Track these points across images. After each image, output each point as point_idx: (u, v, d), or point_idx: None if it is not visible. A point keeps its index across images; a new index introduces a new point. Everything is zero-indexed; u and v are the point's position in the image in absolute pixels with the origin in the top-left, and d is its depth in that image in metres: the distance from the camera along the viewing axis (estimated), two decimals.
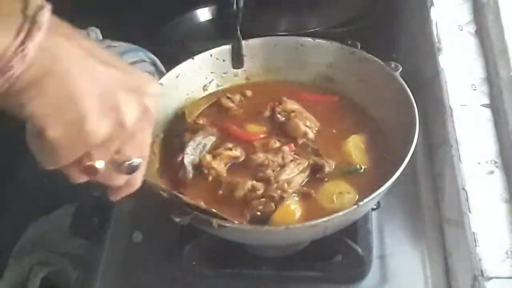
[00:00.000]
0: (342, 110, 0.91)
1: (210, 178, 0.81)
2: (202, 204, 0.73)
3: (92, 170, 0.51)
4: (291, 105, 0.90)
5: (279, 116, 0.89)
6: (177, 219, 0.70)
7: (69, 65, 0.47)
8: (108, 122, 0.49)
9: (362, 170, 0.82)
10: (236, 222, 0.73)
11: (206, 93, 0.96)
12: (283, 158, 0.82)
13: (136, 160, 0.53)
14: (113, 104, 0.49)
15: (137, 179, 0.57)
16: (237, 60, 0.95)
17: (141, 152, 0.54)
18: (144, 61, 1.21)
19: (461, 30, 0.95)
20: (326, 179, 0.81)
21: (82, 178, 0.52)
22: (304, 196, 0.79)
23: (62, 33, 0.48)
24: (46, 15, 0.46)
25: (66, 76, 0.47)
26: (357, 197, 0.78)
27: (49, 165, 0.50)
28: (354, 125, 0.88)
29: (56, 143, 0.48)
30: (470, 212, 0.75)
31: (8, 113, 0.47)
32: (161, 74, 1.06)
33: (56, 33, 0.47)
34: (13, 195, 1.13)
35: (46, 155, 0.49)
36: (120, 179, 0.55)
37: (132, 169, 0.53)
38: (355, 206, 0.71)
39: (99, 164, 0.51)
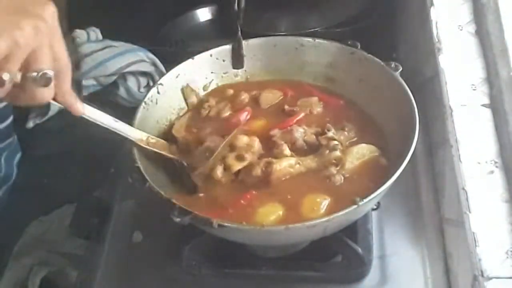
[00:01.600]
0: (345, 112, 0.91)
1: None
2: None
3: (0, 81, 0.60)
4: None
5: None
6: (177, 219, 0.70)
7: None
8: (6, 39, 0.58)
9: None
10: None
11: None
12: None
13: (48, 72, 0.62)
14: (5, 27, 0.58)
15: (52, 90, 0.65)
16: (237, 60, 0.95)
17: (52, 65, 0.63)
18: (144, 61, 1.21)
19: (461, 30, 0.95)
20: None
21: None
22: None
23: None
24: None
25: None
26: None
27: None
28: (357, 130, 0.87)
29: None
30: (470, 212, 0.75)
31: None
32: (161, 74, 1.06)
33: None
34: (13, 195, 1.13)
35: None
36: (28, 94, 0.64)
37: (46, 81, 0.62)
38: (355, 206, 0.71)
39: (6, 76, 0.60)
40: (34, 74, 0.62)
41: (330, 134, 0.84)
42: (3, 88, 0.60)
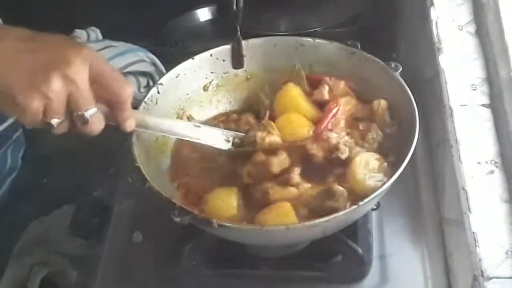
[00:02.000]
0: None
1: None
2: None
3: (50, 125, 0.66)
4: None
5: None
6: (177, 219, 0.70)
7: None
8: (37, 96, 0.63)
9: None
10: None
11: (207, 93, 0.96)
12: None
13: (84, 114, 0.67)
14: (37, 85, 0.63)
15: (96, 124, 0.70)
16: (237, 60, 0.95)
17: (93, 103, 0.68)
18: (144, 61, 1.21)
19: (461, 30, 0.95)
20: None
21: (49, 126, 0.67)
22: None
23: None
24: None
25: None
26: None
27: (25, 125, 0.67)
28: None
29: (7, 112, 0.66)
30: (470, 212, 0.75)
31: None
32: (161, 74, 1.06)
33: None
34: (14, 195, 1.13)
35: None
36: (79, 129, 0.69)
37: (83, 120, 0.68)
38: (355, 206, 0.71)
39: (54, 121, 0.66)
40: (74, 114, 0.67)
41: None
42: (55, 129, 0.67)
